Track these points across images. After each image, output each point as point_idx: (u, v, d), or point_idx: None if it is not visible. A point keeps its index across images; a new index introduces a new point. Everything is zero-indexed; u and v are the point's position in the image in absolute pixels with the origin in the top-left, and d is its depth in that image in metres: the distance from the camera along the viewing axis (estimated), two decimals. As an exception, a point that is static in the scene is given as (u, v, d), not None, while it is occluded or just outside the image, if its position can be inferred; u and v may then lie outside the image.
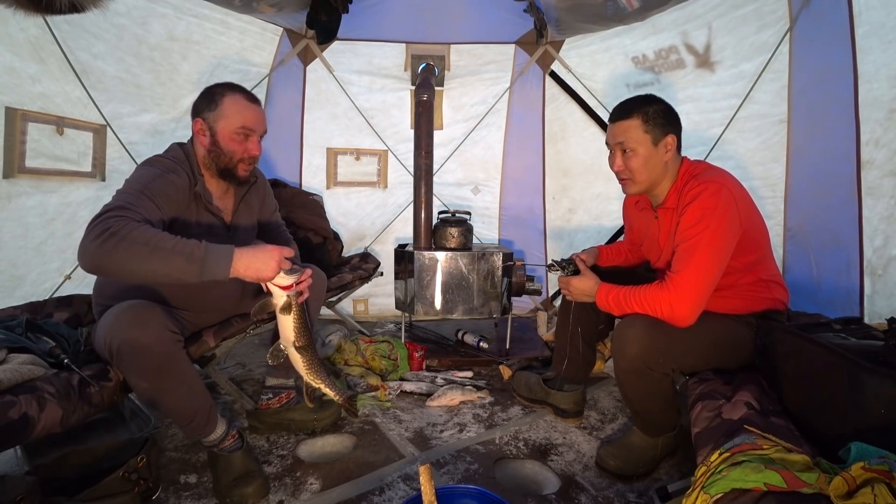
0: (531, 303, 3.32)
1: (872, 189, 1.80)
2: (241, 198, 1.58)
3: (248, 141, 1.44)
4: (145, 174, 1.33)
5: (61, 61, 1.98)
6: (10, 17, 1.76)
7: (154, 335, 1.20)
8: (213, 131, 1.41)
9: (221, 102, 1.40)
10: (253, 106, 1.45)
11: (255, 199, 1.65)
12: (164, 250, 1.09)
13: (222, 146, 1.42)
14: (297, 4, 2.67)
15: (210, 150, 1.43)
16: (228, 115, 1.40)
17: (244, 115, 1.41)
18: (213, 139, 1.41)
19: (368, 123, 3.19)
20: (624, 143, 1.42)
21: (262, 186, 1.70)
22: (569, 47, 3.04)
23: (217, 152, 1.42)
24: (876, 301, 1.82)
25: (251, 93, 1.48)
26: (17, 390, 1.09)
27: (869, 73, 1.79)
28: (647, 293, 1.34)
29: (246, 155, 1.44)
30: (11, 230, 1.91)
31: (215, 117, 1.40)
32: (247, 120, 1.42)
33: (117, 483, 1.23)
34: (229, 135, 1.41)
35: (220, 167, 1.44)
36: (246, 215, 1.61)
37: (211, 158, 1.43)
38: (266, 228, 1.72)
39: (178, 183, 1.36)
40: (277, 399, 1.72)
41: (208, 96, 1.42)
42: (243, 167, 1.46)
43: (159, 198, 1.28)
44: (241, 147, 1.43)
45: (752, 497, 0.80)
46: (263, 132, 1.49)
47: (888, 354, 0.97)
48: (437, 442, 1.69)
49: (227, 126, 1.40)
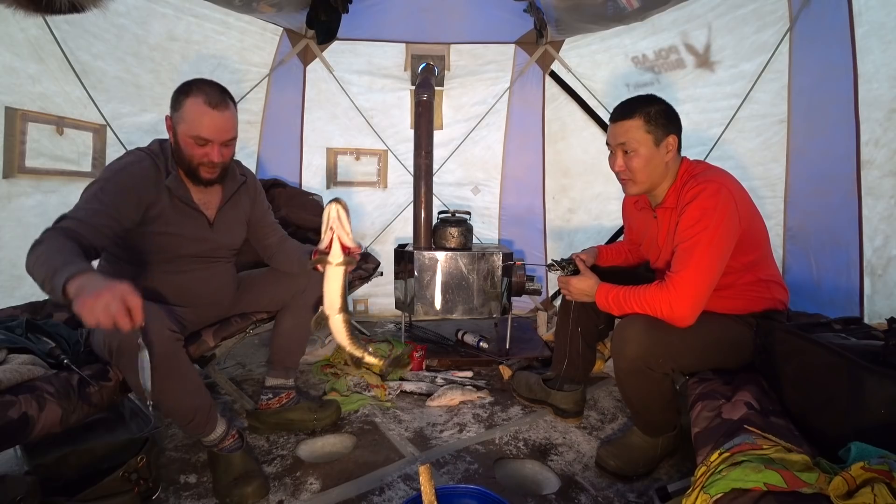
0: (531, 303, 3.31)
1: (872, 189, 1.80)
2: (228, 197, 1.56)
3: (206, 147, 1.39)
4: (109, 168, 1.38)
5: (61, 61, 1.98)
6: (10, 17, 1.76)
7: (154, 334, 1.19)
8: (175, 132, 1.39)
9: (183, 104, 1.36)
10: (213, 112, 1.36)
11: (244, 200, 1.63)
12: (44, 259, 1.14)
13: (182, 149, 1.39)
14: (297, 4, 2.66)
15: (174, 150, 1.42)
16: (186, 121, 1.36)
17: (200, 124, 1.35)
18: (176, 139, 1.40)
19: (368, 123, 3.19)
20: (626, 143, 1.42)
21: (252, 187, 1.68)
22: (569, 47, 3.03)
23: (179, 153, 1.41)
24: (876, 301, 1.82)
25: (218, 92, 1.39)
26: (16, 390, 1.09)
27: (869, 73, 1.79)
28: (647, 293, 1.34)
29: (205, 160, 1.40)
30: (11, 230, 1.91)
31: (177, 119, 1.37)
32: (202, 129, 1.36)
33: (117, 483, 1.23)
34: (187, 140, 1.38)
35: (183, 167, 1.43)
36: (232, 215, 1.59)
37: (177, 157, 1.42)
38: (257, 226, 1.71)
39: (141, 173, 1.36)
40: (277, 399, 1.72)
41: (176, 94, 1.38)
42: (204, 170, 1.42)
43: (115, 195, 1.31)
44: (198, 152, 1.39)
45: (752, 497, 0.80)
46: (226, 140, 1.42)
47: (888, 354, 0.97)
48: (437, 442, 1.69)
49: (184, 131, 1.37)
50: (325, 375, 2.20)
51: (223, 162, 1.43)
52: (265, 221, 1.73)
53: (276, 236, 1.75)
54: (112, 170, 1.37)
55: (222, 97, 1.39)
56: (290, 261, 1.73)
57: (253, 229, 1.71)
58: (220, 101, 1.38)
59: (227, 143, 1.43)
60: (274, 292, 1.72)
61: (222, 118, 1.39)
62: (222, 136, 1.40)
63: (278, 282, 1.73)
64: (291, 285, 1.72)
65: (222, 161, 1.43)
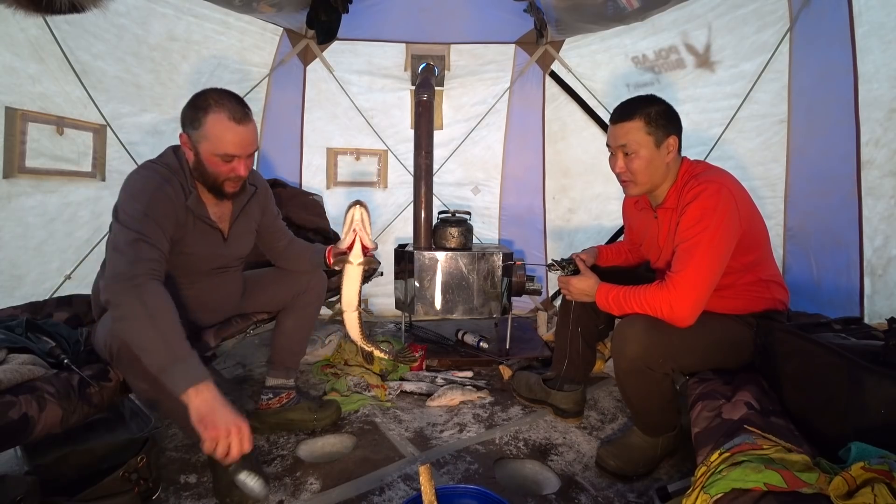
0: (531, 303, 3.31)
1: (872, 189, 1.80)
2: (240, 209, 1.54)
3: (233, 162, 1.35)
4: (144, 188, 1.28)
5: (61, 61, 1.98)
6: (10, 17, 1.76)
7: None
8: (196, 150, 1.33)
9: (205, 122, 1.29)
10: (238, 128, 1.31)
11: (255, 209, 1.61)
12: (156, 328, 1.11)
13: (206, 167, 1.34)
14: (297, 4, 2.66)
15: (196, 167, 1.36)
16: (210, 139, 1.30)
17: (227, 141, 1.30)
18: (198, 158, 1.34)
19: (368, 123, 3.19)
20: (626, 145, 1.42)
21: (263, 194, 1.64)
22: (569, 47, 3.03)
23: (202, 171, 1.35)
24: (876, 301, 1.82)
25: (240, 105, 1.34)
26: (17, 390, 1.09)
27: (869, 73, 1.79)
28: (647, 293, 1.34)
29: (232, 175, 1.36)
30: (11, 230, 1.91)
31: (198, 137, 1.31)
32: (229, 146, 1.31)
33: (117, 483, 1.23)
34: (212, 158, 1.32)
35: (206, 184, 1.39)
36: (244, 225, 1.57)
37: (198, 174, 1.37)
38: (267, 232, 1.68)
39: (173, 198, 1.32)
40: (277, 399, 1.72)
41: (192, 111, 1.31)
42: (230, 185, 1.39)
43: (161, 219, 1.27)
44: (225, 169, 1.34)
45: (752, 497, 0.80)
46: (252, 153, 1.40)
47: (888, 354, 0.97)
48: (437, 442, 1.69)
49: (209, 149, 1.31)
50: (325, 375, 2.20)
51: (245, 175, 1.41)
52: (275, 227, 1.71)
53: (285, 239, 1.74)
54: (147, 188, 1.29)
55: (244, 110, 1.34)
56: (301, 261, 1.72)
57: (263, 235, 1.68)
58: (243, 116, 1.33)
59: (247, 157, 1.39)
60: (275, 292, 1.73)
61: (247, 132, 1.34)
62: (248, 150, 1.37)
63: (279, 282, 1.73)
64: (292, 286, 1.72)
65: (245, 174, 1.40)
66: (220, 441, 1.06)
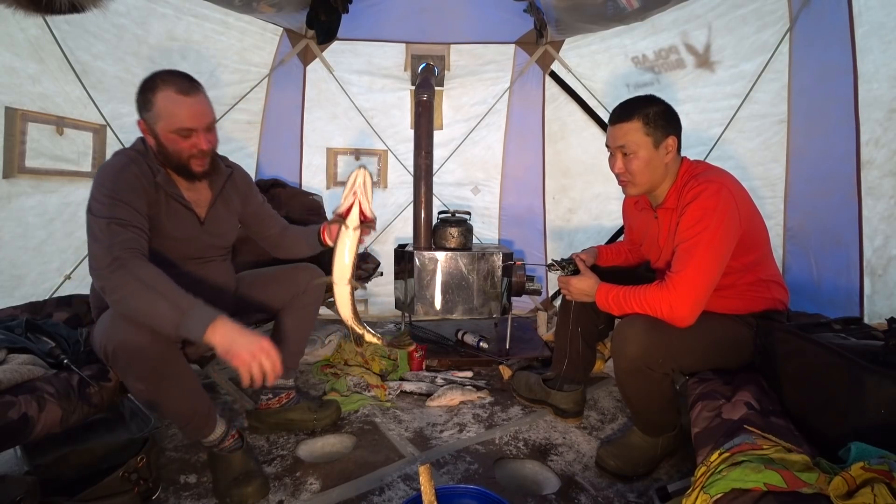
0: (531, 303, 3.31)
1: (872, 189, 1.80)
2: (217, 193, 1.51)
3: (192, 137, 1.33)
4: (108, 172, 1.29)
5: (61, 61, 1.98)
6: (10, 17, 1.76)
7: (149, 337, 1.19)
8: (154, 132, 1.32)
9: (155, 101, 1.28)
10: (187, 100, 1.30)
11: (233, 196, 1.57)
12: (155, 292, 1.14)
13: (167, 147, 1.33)
14: (297, 4, 2.66)
15: (159, 151, 1.35)
16: (164, 116, 1.29)
17: (179, 115, 1.29)
18: (158, 140, 1.33)
19: (368, 123, 3.19)
20: (625, 145, 1.42)
21: (242, 181, 1.62)
22: (569, 47, 3.03)
23: (165, 153, 1.34)
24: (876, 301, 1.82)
25: (187, 79, 1.32)
26: (16, 390, 1.09)
27: (869, 73, 1.79)
28: (647, 293, 1.34)
29: (195, 150, 1.34)
30: (11, 230, 1.91)
31: (153, 118, 1.30)
32: (184, 120, 1.30)
33: (117, 483, 1.23)
34: (169, 136, 1.31)
35: (172, 165, 1.37)
36: (224, 212, 1.55)
37: (162, 157, 1.36)
38: (254, 220, 1.67)
39: (140, 175, 1.32)
40: (277, 399, 1.72)
41: (142, 94, 1.30)
42: (195, 163, 1.36)
43: (130, 198, 1.27)
44: (185, 145, 1.33)
45: (752, 497, 0.80)
46: (208, 124, 1.36)
47: (888, 354, 0.97)
48: (437, 442, 1.69)
49: (165, 127, 1.30)
50: (325, 375, 2.20)
51: (211, 148, 1.39)
52: (263, 213, 1.69)
53: (277, 227, 1.73)
54: (112, 172, 1.30)
55: (191, 83, 1.33)
56: (298, 246, 1.70)
57: (251, 224, 1.68)
58: (190, 87, 1.31)
59: (209, 129, 1.37)
60: (274, 292, 1.72)
61: (197, 103, 1.33)
62: (204, 121, 1.34)
63: (278, 282, 1.73)
64: (291, 285, 1.72)
65: (210, 147, 1.38)
66: (251, 367, 1.11)
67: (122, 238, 1.20)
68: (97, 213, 1.24)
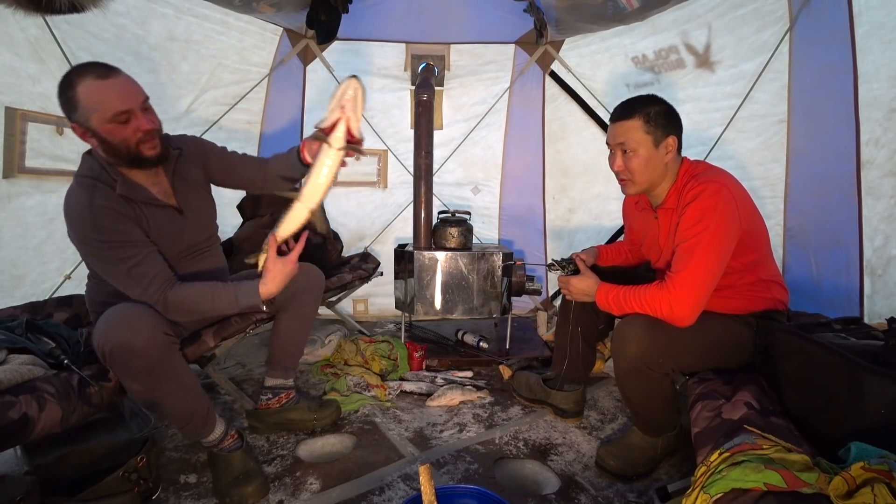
0: (531, 303, 3.31)
1: (872, 189, 1.80)
2: (171, 178, 1.44)
3: (131, 120, 1.25)
4: (84, 219, 1.25)
5: (61, 61, 1.98)
6: (10, 17, 1.76)
7: (146, 338, 1.19)
8: (92, 131, 1.23)
9: (79, 97, 1.20)
10: (108, 82, 1.22)
11: (190, 170, 1.50)
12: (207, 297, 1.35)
13: (111, 140, 1.25)
14: (297, 4, 2.66)
15: (104, 149, 1.27)
16: (93, 107, 1.21)
17: (109, 100, 1.21)
18: (99, 138, 1.24)
19: (368, 123, 3.19)
20: (625, 143, 1.42)
21: (192, 148, 1.53)
22: (569, 47, 3.03)
23: (111, 148, 1.26)
24: (876, 301, 1.82)
25: (101, 65, 1.24)
26: (16, 390, 1.09)
27: (869, 73, 1.79)
28: (647, 293, 1.34)
29: (139, 134, 1.26)
30: (11, 230, 1.91)
31: (84, 115, 1.22)
32: (114, 103, 1.21)
33: (117, 483, 1.23)
34: (108, 127, 1.23)
35: (125, 160, 1.29)
36: (190, 190, 1.48)
37: (113, 156, 1.29)
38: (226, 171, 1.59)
39: (109, 200, 1.27)
40: (277, 399, 1.72)
41: (63, 97, 1.22)
42: (146, 147, 1.29)
43: (119, 229, 1.26)
44: (128, 131, 1.25)
45: (752, 497, 0.80)
46: (142, 101, 1.28)
47: (888, 354, 0.97)
48: (437, 442, 1.69)
49: (99, 119, 1.22)
50: (325, 375, 2.20)
51: (155, 128, 1.31)
52: (231, 161, 1.60)
53: (253, 165, 1.62)
54: (86, 215, 1.25)
55: (107, 67, 1.24)
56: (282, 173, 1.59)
57: (227, 177, 1.60)
58: (107, 71, 1.23)
59: (145, 108, 1.29)
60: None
61: (120, 82, 1.25)
62: (135, 99, 1.26)
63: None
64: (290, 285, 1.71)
65: (154, 127, 1.30)
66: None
67: (149, 280, 1.28)
68: (107, 262, 1.27)
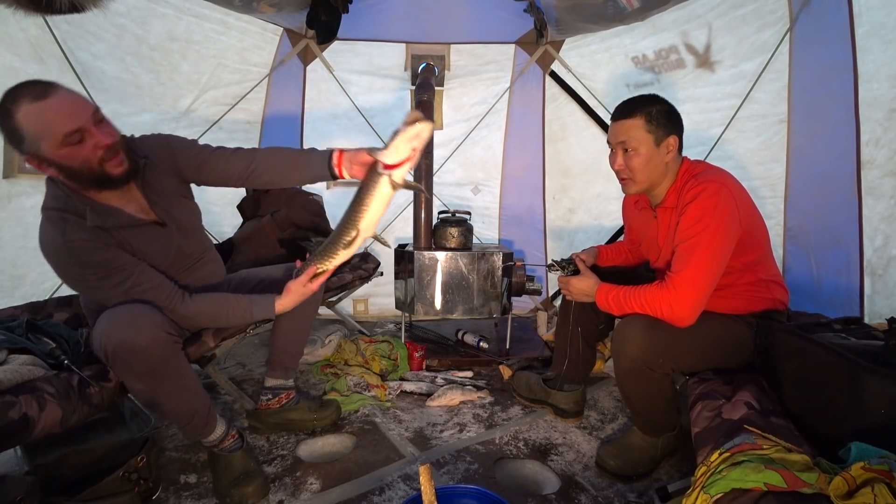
0: (531, 303, 3.31)
1: (872, 189, 1.80)
2: (143, 190, 1.32)
3: (85, 139, 1.13)
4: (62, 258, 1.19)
5: (61, 61, 1.98)
6: (10, 17, 1.76)
7: (148, 337, 1.18)
8: (48, 160, 1.13)
9: (22, 126, 1.09)
10: (49, 101, 1.10)
11: (162, 179, 1.36)
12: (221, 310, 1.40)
13: (71, 165, 1.14)
14: (297, 4, 2.66)
15: (67, 176, 1.17)
16: (39, 133, 1.10)
17: (53, 121, 1.10)
18: (57, 165, 1.14)
19: (368, 123, 3.19)
20: (626, 142, 1.42)
21: (163, 154, 1.37)
22: (569, 47, 3.03)
23: (74, 173, 1.16)
24: (876, 301, 1.82)
25: (38, 83, 1.11)
26: (17, 391, 1.09)
27: (869, 73, 1.79)
28: (647, 293, 1.34)
29: (99, 151, 1.15)
30: (11, 230, 1.92)
31: (33, 145, 1.11)
32: (61, 124, 1.10)
33: (117, 483, 1.23)
34: (62, 152, 1.12)
35: (92, 183, 1.19)
36: (166, 200, 1.37)
37: (77, 182, 1.18)
38: (203, 167, 1.41)
39: (83, 233, 1.19)
40: (277, 400, 1.72)
41: (5, 129, 1.11)
42: (111, 166, 1.18)
43: (99, 258, 1.20)
44: (85, 151, 1.14)
45: (752, 497, 0.80)
46: (91, 115, 1.15)
47: (888, 354, 0.97)
48: (437, 442, 1.69)
49: (51, 146, 1.10)
50: (325, 375, 2.20)
51: (115, 142, 1.19)
52: (205, 159, 1.41)
53: (239, 157, 1.43)
54: (63, 253, 1.19)
55: (43, 85, 1.12)
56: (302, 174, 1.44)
57: (200, 176, 1.43)
58: (43, 89, 1.11)
59: (98, 121, 1.17)
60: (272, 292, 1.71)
61: (62, 100, 1.12)
62: (83, 114, 1.14)
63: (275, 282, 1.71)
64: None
65: (114, 141, 1.18)
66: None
67: (152, 296, 1.27)
68: (102, 290, 1.25)
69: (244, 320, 1.44)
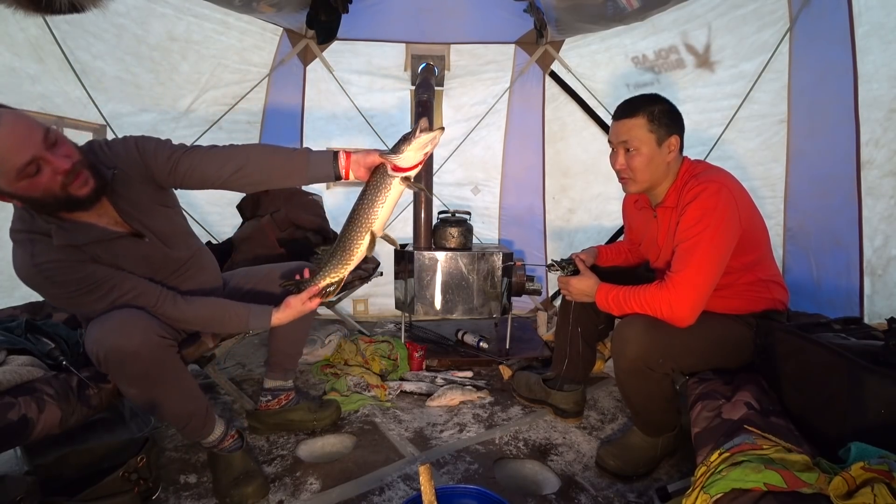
0: (531, 303, 3.31)
1: (872, 189, 1.80)
2: (113, 204, 1.24)
3: (42, 168, 1.05)
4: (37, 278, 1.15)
5: (61, 61, 1.98)
6: (10, 17, 1.76)
7: (139, 341, 1.17)
8: (8, 193, 1.07)
9: None
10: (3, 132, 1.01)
11: (132, 189, 1.26)
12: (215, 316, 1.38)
13: (33, 196, 1.07)
14: (297, 4, 2.66)
15: (33, 207, 1.12)
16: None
17: (3, 158, 1.01)
18: (19, 198, 1.08)
19: (368, 123, 3.19)
20: (628, 141, 1.42)
21: (132, 162, 1.26)
22: (569, 47, 3.03)
23: (39, 203, 1.10)
24: (876, 301, 1.82)
25: None
26: (16, 392, 1.09)
27: (869, 73, 1.79)
28: (647, 293, 1.34)
29: (59, 178, 1.07)
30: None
31: None
32: (12, 158, 1.01)
33: (117, 483, 1.23)
34: (20, 185, 1.04)
35: (61, 207, 1.13)
36: (140, 210, 1.29)
37: (44, 210, 1.13)
38: (179, 172, 1.29)
39: (53, 255, 1.15)
40: (277, 400, 1.72)
41: None
42: (75, 188, 1.10)
43: (75, 274, 1.17)
44: (44, 179, 1.06)
45: (752, 497, 0.80)
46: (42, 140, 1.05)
47: (888, 354, 0.97)
48: (437, 442, 1.69)
49: (7, 181, 1.03)
50: (325, 375, 2.20)
51: (76, 162, 1.10)
52: (185, 159, 1.28)
53: (220, 154, 1.30)
54: (38, 273, 1.15)
55: None
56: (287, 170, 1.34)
57: (183, 178, 1.30)
58: None
59: (51, 144, 1.07)
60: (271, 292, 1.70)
61: (8, 129, 1.02)
62: (33, 142, 1.04)
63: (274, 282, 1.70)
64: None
65: (72, 162, 1.09)
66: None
67: (138, 303, 1.25)
68: (85, 305, 1.23)
69: (239, 329, 1.44)
